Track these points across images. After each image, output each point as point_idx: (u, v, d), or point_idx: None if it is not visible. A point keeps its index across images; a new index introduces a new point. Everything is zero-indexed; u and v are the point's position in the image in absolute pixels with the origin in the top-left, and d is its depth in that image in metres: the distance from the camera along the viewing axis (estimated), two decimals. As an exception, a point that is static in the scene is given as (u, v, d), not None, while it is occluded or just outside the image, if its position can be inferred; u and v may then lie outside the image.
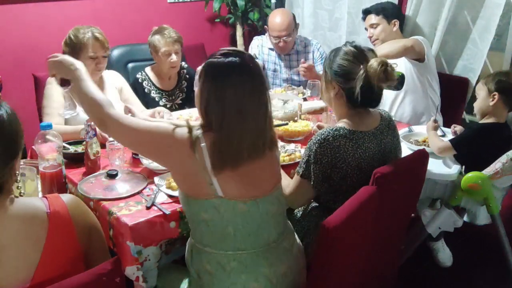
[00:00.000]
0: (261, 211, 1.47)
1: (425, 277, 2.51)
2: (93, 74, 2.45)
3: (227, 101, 1.38)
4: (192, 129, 1.41)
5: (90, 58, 2.39)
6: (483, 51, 2.86)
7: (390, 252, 1.94)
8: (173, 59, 2.74)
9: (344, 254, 1.45)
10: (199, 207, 1.45)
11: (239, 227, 1.45)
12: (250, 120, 1.39)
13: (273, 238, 1.51)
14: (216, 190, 1.41)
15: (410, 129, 2.53)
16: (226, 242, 1.47)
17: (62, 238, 1.19)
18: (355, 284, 1.66)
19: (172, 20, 3.52)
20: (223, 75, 1.40)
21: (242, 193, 1.44)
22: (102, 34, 2.44)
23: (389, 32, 2.91)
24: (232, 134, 1.38)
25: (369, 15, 2.97)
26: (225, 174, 1.40)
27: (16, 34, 3.27)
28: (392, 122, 1.84)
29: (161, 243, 1.65)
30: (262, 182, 1.49)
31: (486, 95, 2.25)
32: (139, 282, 1.59)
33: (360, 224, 1.49)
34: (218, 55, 1.44)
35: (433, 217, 2.16)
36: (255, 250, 1.48)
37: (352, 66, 1.69)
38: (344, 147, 1.68)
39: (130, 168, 2.01)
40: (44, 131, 1.79)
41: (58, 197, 1.24)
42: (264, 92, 1.43)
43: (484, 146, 2.17)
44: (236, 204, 1.43)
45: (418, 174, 1.85)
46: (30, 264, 1.14)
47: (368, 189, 1.53)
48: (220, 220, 1.44)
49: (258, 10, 4.03)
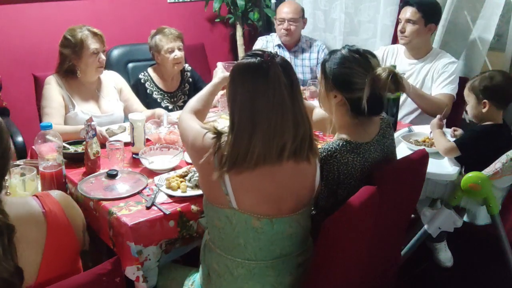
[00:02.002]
0: (275, 230, 1.43)
1: (425, 277, 2.51)
2: (97, 71, 2.47)
3: (238, 101, 1.36)
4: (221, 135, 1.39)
5: (92, 54, 2.40)
6: (483, 51, 2.86)
7: (390, 252, 1.94)
8: (176, 55, 2.75)
9: (344, 254, 1.45)
10: (213, 213, 1.45)
11: (250, 240, 1.43)
12: (262, 120, 1.33)
13: (286, 252, 1.49)
14: (230, 201, 1.39)
15: (410, 129, 2.52)
16: (236, 251, 1.45)
17: (61, 236, 1.19)
18: (355, 284, 1.66)
19: (172, 20, 3.53)
20: (238, 76, 1.38)
21: (256, 209, 1.40)
22: (98, 30, 2.45)
23: (422, 35, 2.72)
24: (242, 134, 1.34)
25: (408, 7, 2.72)
26: (241, 185, 1.37)
27: (16, 34, 3.27)
28: (389, 122, 1.84)
29: (161, 243, 1.65)
30: (282, 203, 1.42)
31: (476, 102, 2.21)
32: (139, 282, 1.59)
33: (360, 224, 1.49)
34: (243, 57, 1.42)
35: (433, 217, 2.16)
36: (265, 261, 1.46)
37: (357, 75, 1.58)
38: (352, 163, 1.60)
39: (130, 168, 2.01)
40: (44, 131, 1.79)
41: (49, 195, 1.24)
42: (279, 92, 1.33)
43: (486, 147, 2.16)
44: (249, 219, 1.40)
45: (418, 174, 1.84)
46: (32, 264, 1.14)
47: (368, 189, 1.53)
48: (232, 231, 1.43)
49: (258, 10, 4.03)
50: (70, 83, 2.47)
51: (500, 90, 2.18)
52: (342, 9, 3.51)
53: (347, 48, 1.65)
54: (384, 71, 1.55)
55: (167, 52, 2.73)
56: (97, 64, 2.43)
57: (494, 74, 2.22)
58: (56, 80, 2.45)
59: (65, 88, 2.45)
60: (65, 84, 2.46)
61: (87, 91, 2.52)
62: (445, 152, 2.18)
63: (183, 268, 1.73)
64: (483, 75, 2.24)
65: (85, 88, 2.51)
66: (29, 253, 1.14)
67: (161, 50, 2.73)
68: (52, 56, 3.37)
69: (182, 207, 1.70)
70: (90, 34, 2.40)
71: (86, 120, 1.93)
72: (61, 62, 2.45)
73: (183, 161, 2.06)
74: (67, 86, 2.46)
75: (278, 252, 1.47)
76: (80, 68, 2.43)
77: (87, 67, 2.43)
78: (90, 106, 2.50)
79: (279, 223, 1.43)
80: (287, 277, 1.50)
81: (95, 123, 1.97)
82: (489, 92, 2.18)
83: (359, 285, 1.68)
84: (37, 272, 1.14)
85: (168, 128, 2.26)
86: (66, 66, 2.43)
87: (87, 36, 2.39)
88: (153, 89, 2.86)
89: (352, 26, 3.52)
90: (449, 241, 2.50)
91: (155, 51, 2.78)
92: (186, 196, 1.74)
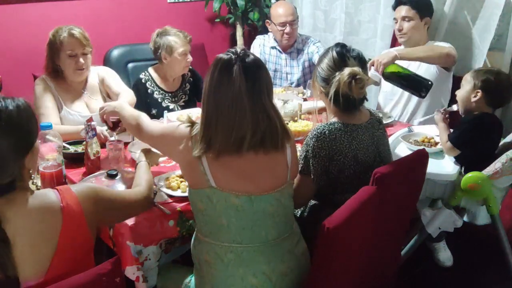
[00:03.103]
0: (255, 208, 1.48)
1: (425, 277, 2.51)
2: (75, 73, 2.42)
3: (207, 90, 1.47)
4: (194, 125, 1.51)
5: (69, 57, 2.37)
6: (483, 51, 2.86)
7: (390, 252, 1.94)
8: (190, 58, 2.78)
9: (344, 254, 1.45)
10: (196, 196, 1.50)
11: (232, 219, 1.47)
12: (244, 112, 1.42)
13: (273, 237, 1.51)
14: (209, 180, 1.45)
15: (410, 129, 2.52)
16: (221, 233, 1.49)
17: (75, 231, 1.21)
18: (355, 284, 1.66)
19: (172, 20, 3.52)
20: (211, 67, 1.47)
21: (234, 186, 1.46)
22: (80, 32, 2.39)
23: (419, 29, 2.79)
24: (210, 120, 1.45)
25: (402, 6, 2.81)
26: (218, 163, 1.45)
27: (16, 34, 3.27)
28: (381, 118, 1.93)
29: (161, 242, 1.66)
30: (259, 180, 1.49)
31: (471, 89, 2.21)
32: (139, 282, 1.59)
33: (360, 224, 1.49)
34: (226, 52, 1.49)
35: (433, 217, 2.16)
36: (252, 245, 1.49)
37: (331, 73, 1.75)
38: (340, 139, 1.74)
39: (130, 168, 2.01)
40: (44, 131, 1.79)
41: (69, 189, 1.26)
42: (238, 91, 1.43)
43: (481, 138, 2.15)
44: (228, 197, 1.46)
45: (418, 174, 1.85)
46: (45, 257, 1.16)
47: (368, 189, 1.54)
48: (213, 210, 1.47)
49: (258, 10, 4.03)
50: (59, 83, 2.46)
51: (498, 88, 2.18)
52: (343, 9, 3.51)
53: (334, 46, 1.81)
54: (347, 71, 1.68)
55: (180, 55, 2.73)
56: (74, 67, 2.39)
57: (501, 73, 2.25)
58: (46, 80, 2.44)
59: (54, 88, 2.45)
60: (54, 84, 2.45)
61: (75, 91, 2.50)
62: (445, 150, 2.18)
63: (182, 268, 1.73)
64: (491, 68, 2.29)
65: (73, 89, 2.50)
66: (43, 245, 1.15)
67: (174, 51, 2.72)
68: (52, 56, 3.38)
69: (181, 206, 1.70)
70: (68, 36, 2.35)
71: (86, 120, 1.94)
72: (47, 62, 2.45)
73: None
74: (56, 86, 2.46)
75: (263, 235, 1.50)
76: (62, 68, 2.43)
77: (65, 69, 2.42)
78: (78, 106, 2.48)
79: (258, 201, 1.48)
80: (279, 264, 1.51)
81: (95, 123, 1.97)
82: (488, 85, 2.18)
83: (359, 285, 1.68)
84: (49, 266, 1.16)
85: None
86: (51, 66, 2.44)
87: (64, 37, 2.36)
88: (153, 89, 2.86)
89: (352, 26, 3.52)
90: (449, 241, 2.50)
91: (165, 52, 2.74)
92: (185, 196, 1.74)
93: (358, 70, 1.69)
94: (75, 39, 2.37)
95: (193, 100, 2.97)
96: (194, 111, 2.67)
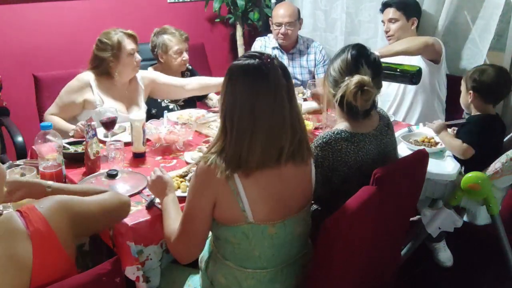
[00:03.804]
0: (287, 232, 1.45)
1: (425, 277, 2.51)
2: (134, 70, 2.51)
3: (238, 102, 1.33)
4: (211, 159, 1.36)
5: (129, 55, 2.44)
6: (483, 51, 2.86)
7: (390, 252, 1.94)
8: (185, 57, 2.80)
9: (344, 254, 1.45)
10: (227, 232, 1.43)
11: (265, 249, 1.44)
12: (263, 122, 1.32)
13: (293, 255, 1.50)
14: (247, 216, 1.38)
15: (409, 129, 2.52)
16: (249, 262, 1.45)
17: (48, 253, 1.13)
18: (355, 284, 1.66)
19: (172, 20, 3.52)
20: (238, 77, 1.35)
21: (271, 216, 1.41)
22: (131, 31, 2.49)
23: (407, 30, 2.83)
24: (243, 135, 1.33)
25: (388, 8, 2.86)
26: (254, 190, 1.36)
27: (16, 34, 3.27)
28: (390, 121, 1.85)
29: (161, 242, 1.65)
30: (291, 202, 1.44)
31: (465, 91, 2.27)
32: (139, 282, 1.59)
33: (360, 224, 1.49)
34: (240, 58, 1.40)
35: (433, 217, 2.16)
36: (274, 268, 1.47)
37: (341, 76, 1.67)
38: (345, 150, 1.67)
39: (130, 168, 2.01)
40: (44, 131, 1.79)
41: (34, 210, 1.15)
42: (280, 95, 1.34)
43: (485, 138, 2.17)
44: (265, 228, 1.41)
45: (418, 174, 1.84)
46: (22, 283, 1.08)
47: (368, 189, 1.53)
48: (248, 245, 1.43)
49: (258, 10, 4.03)
50: (103, 83, 2.49)
51: (487, 86, 2.21)
52: (343, 9, 3.50)
53: (349, 48, 1.71)
54: (356, 79, 1.60)
55: (176, 53, 2.75)
56: (134, 64, 2.47)
57: (486, 69, 2.25)
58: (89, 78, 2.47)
59: (96, 86, 2.48)
60: (96, 82, 2.48)
61: (118, 91, 2.54)
62: (462, 154, 2.16)
63: (183, 269, 1.72)
64: (478, 67, 2.30)
65: (117, 89, 2.53)
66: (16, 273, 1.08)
67: (169, 50, 2.74)
68: (52, 56, 3.39)
69: (182, 206, 1.69)
70: (125, 35, 2.44)
71: (86, 120, 1.94)
72: (98, 65, 2.47)
73: (183, 161, 2.06)
74: (98, 85, 2.48)
75: (286, 256, 1.48)
76: (118, 69, 2.46)
77: (124, 68, 2.46)
78: (118, 105, 2.51)
79: (290, 223, 1.45)
80: (293, 279, 1.51)
81: (95, 123, 1.97)
82: (476, 85, 2.22)
83: (359, 285, 1.68)
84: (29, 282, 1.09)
85: (168, 128, 2.25)
86: (102, 68, 2.46)
87: (122, 37, 2.43)
88: None
89: (353, 26, 3.51)
90: (449, 241, 2.50)
91: (161, 50, 2.77)
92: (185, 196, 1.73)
93: (368, 81, 1.61)
94: (132, 37, 2.46)
95: (192, 99, 2.97)
96: (194, 111, 2.68)
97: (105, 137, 2.20)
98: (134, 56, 2.46)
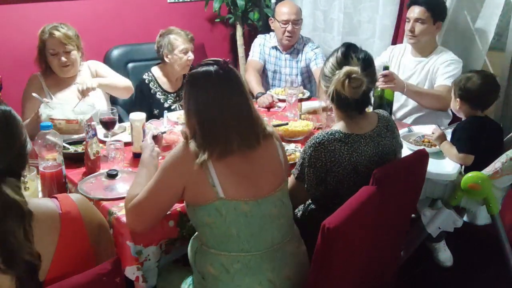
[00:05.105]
0: (263, 212, 1.49)
1: (425, 277, 2.51)
2: (61, 70, 2.52)
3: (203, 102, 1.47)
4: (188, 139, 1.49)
5: (51, 55, 2.47)
6: (483, 51, 2.86)
7: (390, 252, 1.94)
8: (190, 56, 2.79)
9: (344, 254, 1.45)
10: (201, 212, 1.48)
11: (242, 227, 1.47)
12: (230, 112, 1.46)
13: (277, 241, 1.52)
14: (217, 191, 1.44)
15: (410, 129, 2.52)
16: (229, 243, 1.48)
17: (73, 238, 1.20)
18: (355, 284, 1.66)
19: (172, 20, 3.52)
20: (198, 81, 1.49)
21: (242, 193, 1.46)
22: (62, 30, 2.46)
23: (430, 34, 2.74)
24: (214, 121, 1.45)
25: (417, 6, 2.70)
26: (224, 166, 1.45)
27: (16, 34, 3.26)
28: (391, 123, 1.82)
29: (160, 243, 1.66)
30: (262, 182, 1.51)
31: (454, 98, 2.28)
32: (139, 282, 1.59)
33: (360, 224, 1.49)
34: (197, 66, 1.54)
35: (433, 217, 2.16)
36: (259, 252, 1.49)
37: (332, 72, 1.70)
38: (339, 151, 1.67)
39: (130, 168, 2.01)
40: (44, 131, 1.79)
41: (68, 197, 1.25)
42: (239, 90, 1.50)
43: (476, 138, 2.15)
44: (237, 205, 1.45)
45: (418, 174, 1.85)
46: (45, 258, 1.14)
47: (368, 189, 1.53)
48: (223, 222, 1.46)
49: (258, 10, 4.03)
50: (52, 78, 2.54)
51: (472, 93, 2.21)
52: (341, 9, 3.50)
53: (344, 46, 1.75)
54: (344, 70, 1.64)
55: (181, 52, 2.75)
56: (58, 64, 2.48)
57: (471, 76, 2.23)
58: (38, 78, 2.54)
59: (44, 84, 2.52)
60: (45, 80, 2.53)
61: (65, 85, 2.57)
62: (463, 163, 2.15)
63: (181, 270, 1.73)
64: (465, 74, 2.29)
65: (64, 82, 2.57)
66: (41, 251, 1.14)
67: (175, 49, 2.74)
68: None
69: (181, 207, 1.69)
70: (48, 35, 2.45)
71: (86, 120, 1.94)
72: (39, 59, 2.53)
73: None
74: (46, 82, 2.53)
75: (269, 240, 1.50)
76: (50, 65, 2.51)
77: (51, 66, 2.51)
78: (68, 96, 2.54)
79: (265, 203, 1.50)
80: (284, 269, 1.52)
81: (95, 123, 1.98)
82: (462, 93, 2.23)
83: (359, 285, 1.68)
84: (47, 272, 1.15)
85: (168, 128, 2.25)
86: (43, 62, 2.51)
87: (46, 37, 2.45)
88: (156, 90, 2.87)
89: (351, 26, 3.51)
90: (449, 241, 2.50)
91: (166, 50, 2.77)
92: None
93: (356, 70, 1.63)
94: (56, 39, 2.44)
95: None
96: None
97: (105, 137, 2.20)
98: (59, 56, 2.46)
